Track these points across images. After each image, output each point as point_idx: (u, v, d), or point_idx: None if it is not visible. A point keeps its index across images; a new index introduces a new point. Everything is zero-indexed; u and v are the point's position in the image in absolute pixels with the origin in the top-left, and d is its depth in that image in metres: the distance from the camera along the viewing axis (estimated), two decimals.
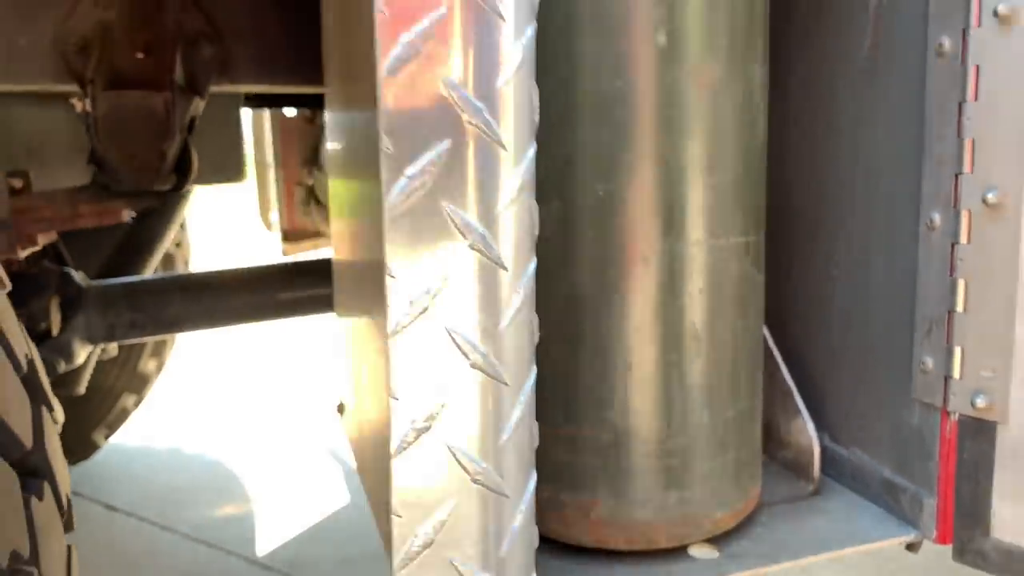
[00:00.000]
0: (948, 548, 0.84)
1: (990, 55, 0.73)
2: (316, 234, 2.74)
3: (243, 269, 1.65)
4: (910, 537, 0.86)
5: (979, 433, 0.79)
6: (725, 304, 0.80)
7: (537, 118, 0.59)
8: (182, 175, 1.27)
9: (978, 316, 0.77)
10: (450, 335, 0.58)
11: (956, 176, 0.76)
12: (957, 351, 0.78)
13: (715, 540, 0.84)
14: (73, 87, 1.32)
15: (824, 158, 0.95)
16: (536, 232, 0.60)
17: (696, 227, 0.77)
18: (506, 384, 0.60)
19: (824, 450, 0.96)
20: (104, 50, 1.29)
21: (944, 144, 0.77)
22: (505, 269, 0.58)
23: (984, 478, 0.79)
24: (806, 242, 0.99)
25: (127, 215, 1.25)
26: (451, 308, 0.58)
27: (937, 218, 0.79)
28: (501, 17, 0.56)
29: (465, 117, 0.56)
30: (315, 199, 2.66)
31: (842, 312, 0.94)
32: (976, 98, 0.74)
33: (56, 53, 1.30)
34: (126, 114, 1.18)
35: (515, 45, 0.57)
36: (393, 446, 0.59)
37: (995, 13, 0.72)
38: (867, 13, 0.85)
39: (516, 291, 0.59)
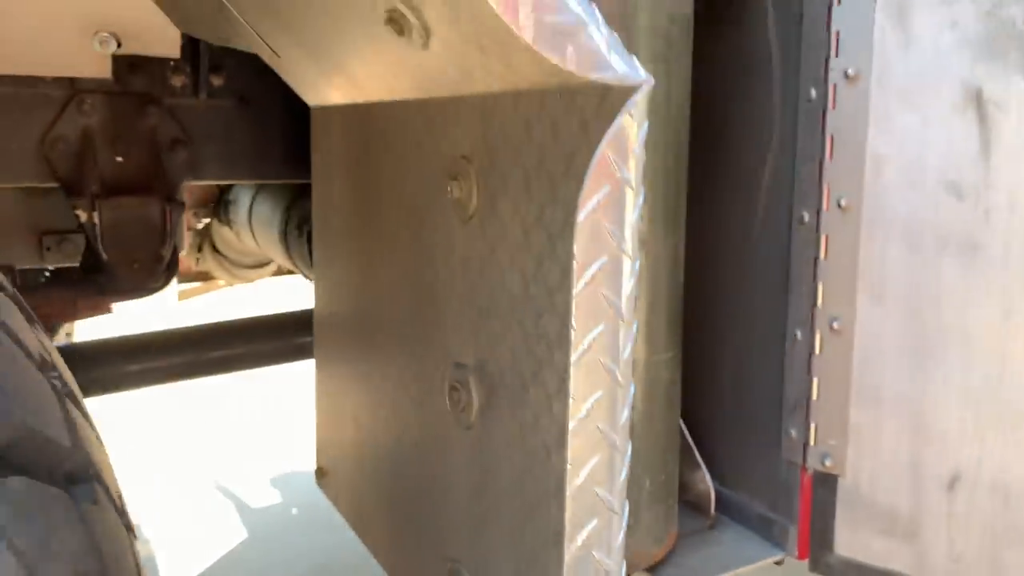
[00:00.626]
0: (806, 563, 1.19)
1: (834, 228, 1.08)
2: (202, 276, 2.86)
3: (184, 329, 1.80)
4: (780, 556, 1.20)
5: (826, 483, 1.14)
6: (656, 404, 1.11)
7: None
8: (170, 273, 1.43)
9: (826, 404, 1.12)
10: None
11: (812, 308, 1.11)
12: (812, 426, 1.13)
13: (651, 569, 1.14)
14: (53, 185, 1.45)
15: (713, 289, 1.28)
16: None
17: (639, 349, 1.07)
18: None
19: (717, 493, 1.29)
20: (87, 154, 1.43)
21: (803, 285, 1.12)
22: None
23: (830, 513, 1.14)
24: (711, 348, 1.32)
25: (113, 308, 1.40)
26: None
27: (799, 334, 1.13)
28: None
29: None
30: (212, 246, 2.77)
31: (732, 391, 1.27)
32: (826, 256, 1.09)
33: (41, 156, 1.42)
34: (127, 222, 1.34)
35: None
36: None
37: (838, 204, 1.07)
38: (759, 192, 1.19)
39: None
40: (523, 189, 0.77)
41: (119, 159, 1.45)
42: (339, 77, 1.10)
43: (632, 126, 0.63)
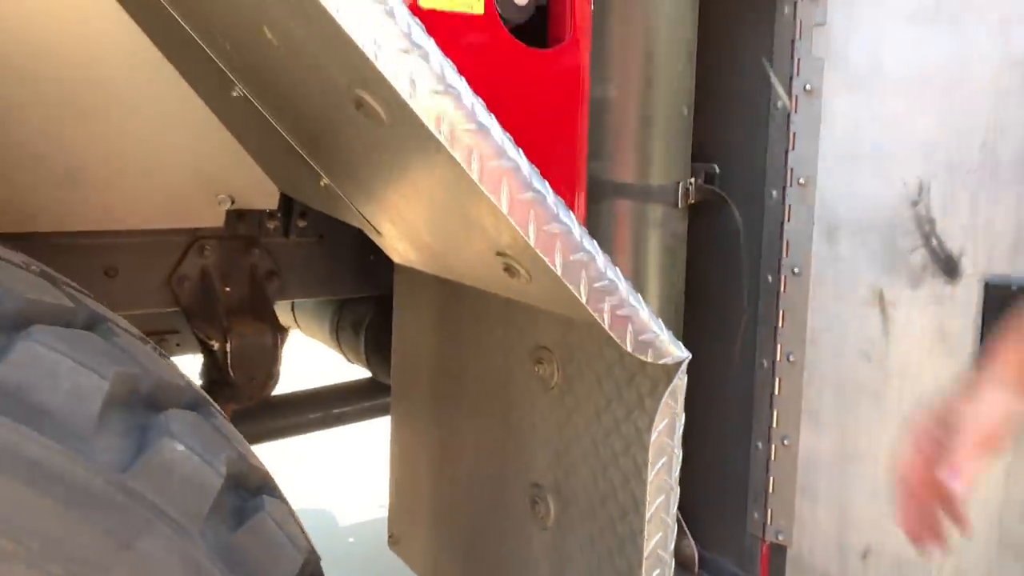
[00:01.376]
0: None
1: (785, 374, 1.54)
2: None
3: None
4: None
5: (779, 552, 1.60)
6: None
7: None
8: (276, 382, 1.81)
9: (779, 496, 1.57)
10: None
11: (769, 428, 1.57)
12: (769, 511, 1.59)
13: None
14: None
15: (701, 408, 1.73)
16: None
17: None
18: None
19: (700, 555, 1.73)
20: (207, 289, 1.81)
21: (763, 411, 1.57)
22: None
23: (782, 573, 1.60)
24: (699, 447, 1.76)
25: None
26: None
27: (760, 445, 1.59)
28: None
29: None
30: None
31: (712, 480, 1.72)
32: (779, 393, 1.55)
33: (169, 290, 1.79)
34: (251, 347, 1.72)
35: None
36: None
37: (788, 358, 1.52)
38: (735, 344, 1.64)
39: None
40: (596, 384, 1.20)
41: (227, 289, 1.83)
42: (437, 264, 1.51)
43: (683, 379, 1.06)
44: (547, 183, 0.94)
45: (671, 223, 1.46)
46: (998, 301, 1.34)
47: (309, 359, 2.86)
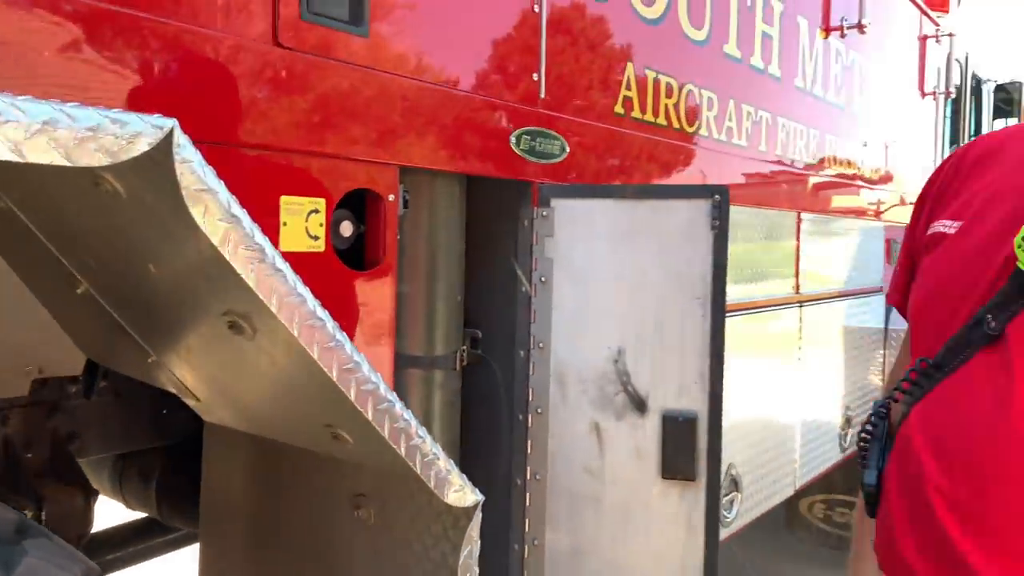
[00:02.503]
0: None
1: (534, 490, 2.03)
2: None
3: None
4: None
5: None
6: None
7: None
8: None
9: None
10: None
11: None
12: None
13: None
14: None
15: None
16: None
17: None
18: None
19: None
20: (7, 455, 1.88)
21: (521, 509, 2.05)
22: None
23: None
24: None
25: None
26: None
27: (516, 547, 2.05)
28: None
29: None
30: None
31: None
32: (530, 505, 2.03)
33: None
34: (64, 512, 1.82)
35: None
36: None
37: (535, 477, 2.02)
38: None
39: None
40: (409, 522, 1.57)
41: (28, 455, 1.92)
42: (258, 428, 1.78)
43: (480, 515, 1.48)
44: (379, 374, 1.32)
45: (449, 383, 1.90)
46: (671, 427, 1.95)
47: None
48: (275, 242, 1.43)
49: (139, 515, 2.45)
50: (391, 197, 1.60)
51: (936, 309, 1.25)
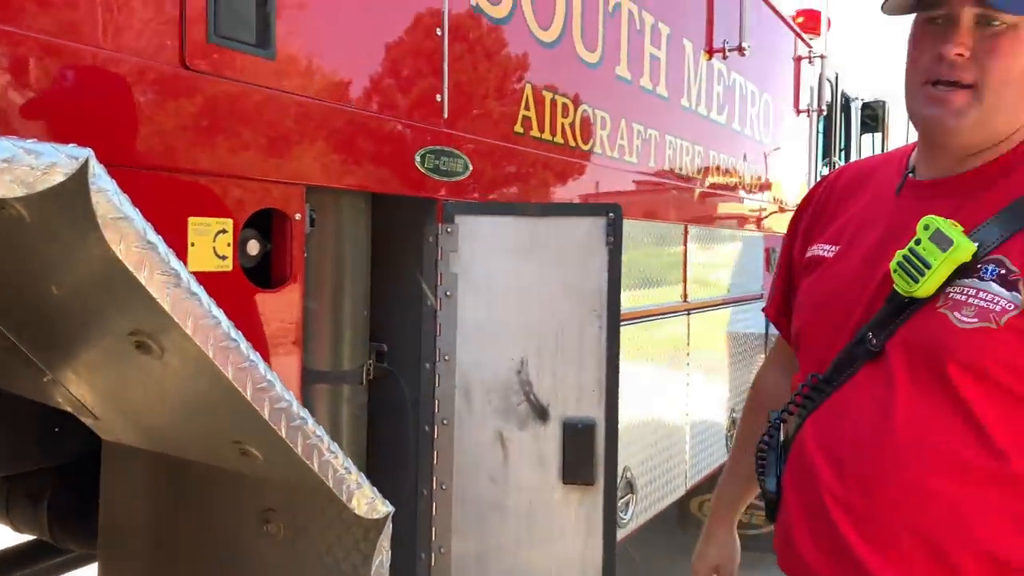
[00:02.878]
0: None
1: (440, 502, 2.08)
2: None
3: None
4: None
5: None
6: None
7: None
8: None
9: None
10: None
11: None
12: None
13: None
14: None
15: None
16: None
17: None
18: None
19: None
20: None
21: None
22: None
23: None
24: None
25: None
26: None
27: (423, 555, 2.10)
28: None
29: None
30: None
31: None
32: (436, 517, 2.08)
33: None
34: None
35: None
36: None
37: (442, 487, 2.07)
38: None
39: None
40: (319, 534, 1.60)
41: None
42: (163, 446, 1.76)
43: (390, 525, 1.53)
44: (291, 392, 1.35)
45: (356, 397, 1.94)
46: (571, 434, 2.04)
47: None
48: (183, 262, 1.44)
49: (27, 538, 2.35)
50: (297, 216, 1.63)
51: (821, 328, 1.38)
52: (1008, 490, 1.14)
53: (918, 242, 1.21)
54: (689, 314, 3.67)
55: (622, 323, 3.09)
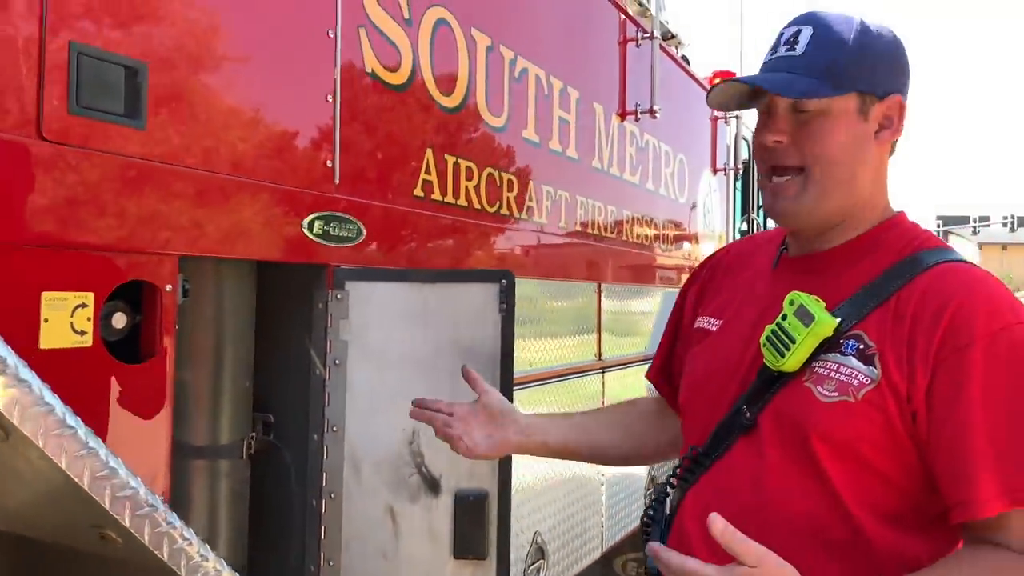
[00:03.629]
0: None
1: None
2: None
3: None
4: None
5: None
6: None
7: None
8: None
9: None
10: None
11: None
12: None
13: None
14: None
15: None
16: None
17: None
18: None
19: None
20: None
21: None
22: None
23: None
24: None
25: None
26: None
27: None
28: None
29: None
30: None
31: None
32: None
33: None
34: None
35: None
36: None
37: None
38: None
39: None
40: None
41: None
42: (20, 528, 1.66)
43: None
44: (138, 478, 1.28)
45: (237, 472, 1.86)
46: (462, 507, 2.00)
47: None
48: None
49: None
50: (168, 287, 1.58)
51: (702, 401, 1.39)
52: (863, 563, 1.16)
53: (784, 317, 1.24)
54: (604, 372, 3.68)
55: (535, 383, 3.09)
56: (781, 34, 1.29)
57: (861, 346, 1.18)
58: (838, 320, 1.19)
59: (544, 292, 3.15)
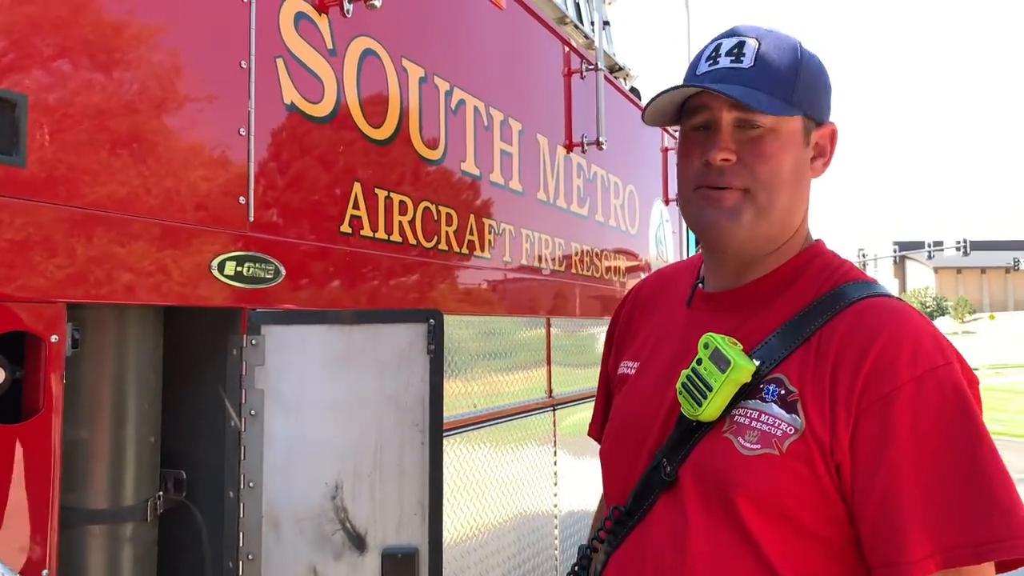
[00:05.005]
0: None
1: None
2: None
3: None
4: None
5: None
6: None
7: None
8: None
9: None
10: None
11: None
12: None
13: None
14: None
15: None
16: None
17: None
18: None
19: None
20: None
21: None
22: None
23: None
24: None
25: None
26: None
27: None
28: None
29: None
30: None
31: None
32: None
33: None
34: None
35: None
36: None
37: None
38: None
39: None
40: None
41: None
42: None
43: None
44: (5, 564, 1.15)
45: (142, 535, 1.71)
46: (390, 564, 1.87)
47: None
48: None
49: None
50: (54, 338, 1.44)
51: (621, 454, 1.29)
52: None
53: (699, 362, 1.15)
54: (555, 409, 3.58)
55: (479, 425, 2.97)
56: (718, 43, 1.18)
57: (782, 391, 1.08)
58: (756, 364, 1.10)
59: (489, 328, 3.04)
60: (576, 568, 1.34)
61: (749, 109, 1.11)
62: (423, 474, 1.86)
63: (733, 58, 1.15)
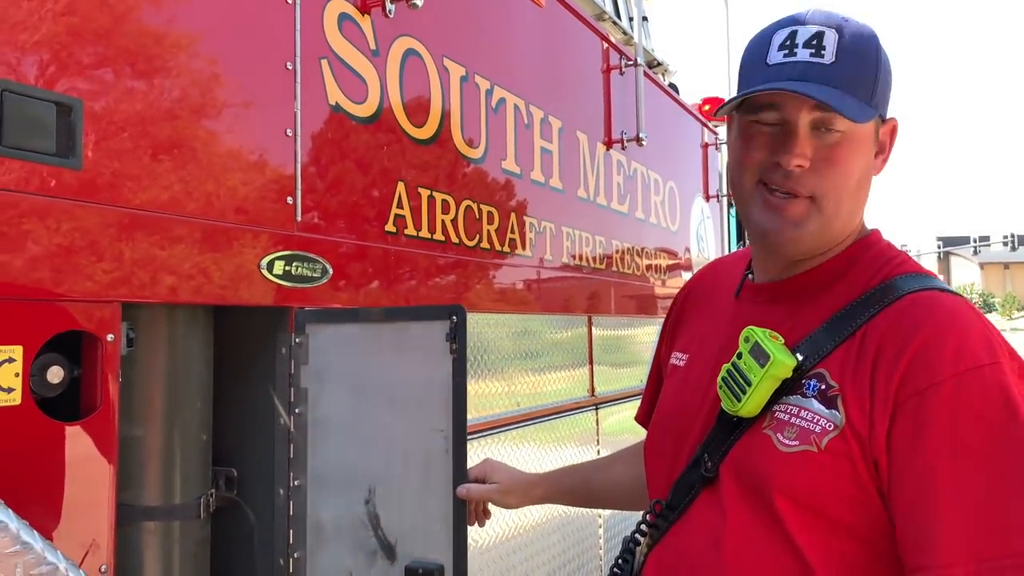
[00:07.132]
0: None
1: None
2: None
3: None
4: None
5: None
6: None
7: None
8: None
9: None
10: None
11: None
12: None
13: None
14: None
15: None
16: None
17: None
18: None
19: None
20: None
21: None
22: None
23: None
24: None
25: None
26: None
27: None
28: None
29: None
30: None
31: None
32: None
33: None
34: None
35: None
36: None
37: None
38: None
39: None
40: None
41: None
42: None
43: None
44: (59, 552, 1.15)
45: (194, 533, 1.73)
46: None
47: None
48: None
49: None
50: (110, 337, 1.46)
51: (664, 447, 1.27)
52: None
53: (740, 356, 1.12)
54: (597, 408, 3.55)
55: (528, 423, 2.95)
56: (794, 31, 1.07)
57: (823, 386, 1.05)
58: (797, 359, 1.06)
59: (530, 327, 3.03)
60: (620, 561, 1.34)
61: (835, 111, 1.04)
62: (446, 483, 1.69)
63: (812, 51, 1.05)
